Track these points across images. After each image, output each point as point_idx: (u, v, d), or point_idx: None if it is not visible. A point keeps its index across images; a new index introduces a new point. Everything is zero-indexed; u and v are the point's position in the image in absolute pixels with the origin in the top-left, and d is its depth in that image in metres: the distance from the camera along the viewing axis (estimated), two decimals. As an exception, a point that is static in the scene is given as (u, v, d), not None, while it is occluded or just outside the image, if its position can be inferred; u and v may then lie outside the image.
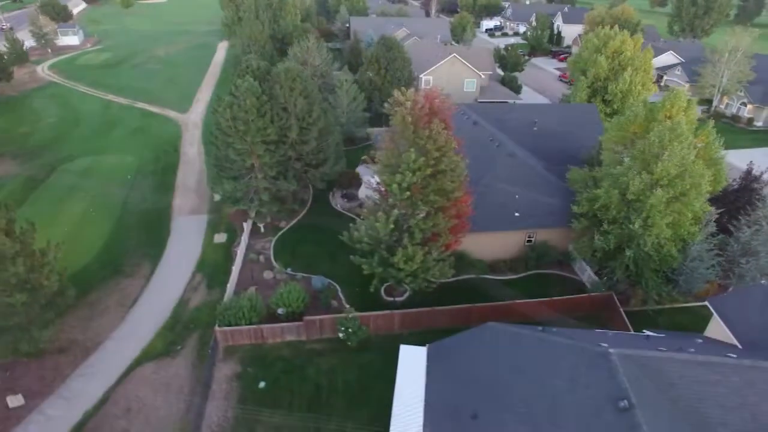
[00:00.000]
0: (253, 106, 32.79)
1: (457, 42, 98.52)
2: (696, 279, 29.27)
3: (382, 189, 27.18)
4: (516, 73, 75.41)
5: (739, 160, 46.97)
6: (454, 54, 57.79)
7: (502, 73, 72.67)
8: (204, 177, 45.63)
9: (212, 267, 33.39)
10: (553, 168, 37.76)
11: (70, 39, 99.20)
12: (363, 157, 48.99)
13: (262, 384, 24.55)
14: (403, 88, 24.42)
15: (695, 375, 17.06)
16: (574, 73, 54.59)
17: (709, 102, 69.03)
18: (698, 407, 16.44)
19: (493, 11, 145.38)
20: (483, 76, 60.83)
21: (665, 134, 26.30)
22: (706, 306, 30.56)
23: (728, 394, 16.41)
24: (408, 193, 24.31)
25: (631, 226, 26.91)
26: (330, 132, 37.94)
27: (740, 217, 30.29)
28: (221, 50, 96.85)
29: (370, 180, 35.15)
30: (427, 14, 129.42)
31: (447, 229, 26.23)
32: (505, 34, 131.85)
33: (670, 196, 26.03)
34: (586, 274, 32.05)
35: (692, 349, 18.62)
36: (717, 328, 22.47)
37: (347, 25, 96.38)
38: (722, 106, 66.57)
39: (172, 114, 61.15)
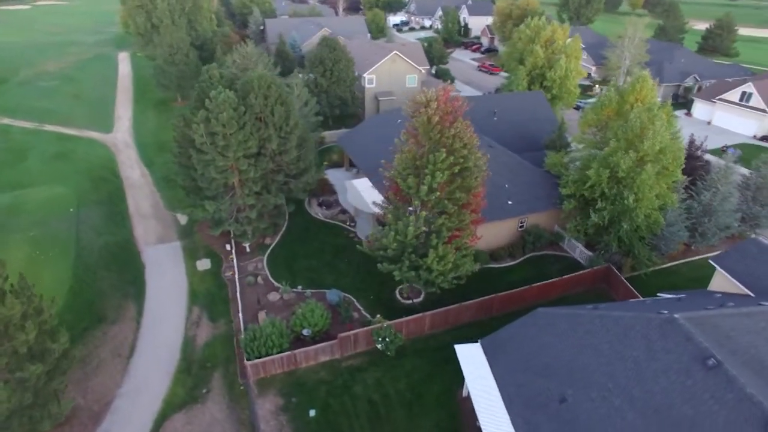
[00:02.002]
0: (232, 119, 30.40)
1: (375, 39, 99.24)
2: (672, 242, 32.76)
3: (393, 192, 26.76)
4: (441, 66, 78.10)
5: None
6: (395, 51, 58.18)
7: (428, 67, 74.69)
8: (160, 201, 41.44)
9: (207, 297, 30.58)
10: (519, 155, 39.78)
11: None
12: (324, 162, 47.81)
13: (312, 412, 23.11)
14: (424, 89, 24.14)
15: (745, 326, 19.12)
16: (510, 63, 57.75)
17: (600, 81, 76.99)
18: (755, 354, 18.49)
19: (396, 7, 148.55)
20: (423, 71, 62.06)
21: (644, 115, 29.00)
22: (684, 264, 34.68)
23: (777, 337, 18.64)
24: (438, 193, 24.23)
25: (625, 201, 29.33)
26: (307, 139, 36.38)
27: (697, 182, 34.41)
28: (124, 62, 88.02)
29: (356, 193, 34.52)
30: (336, 13, 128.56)
31: (469, 223, 26.57)
32: (412, 29, 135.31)
33: (656, 170, 28.79)
34: (577, 250, 34.35)
35: (731, 303, 20.89)
36: (721, 282, 25.40)
37: (261, 27, 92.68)
38: (626, 85, 74.51)
39: (94, 135, 54.45)
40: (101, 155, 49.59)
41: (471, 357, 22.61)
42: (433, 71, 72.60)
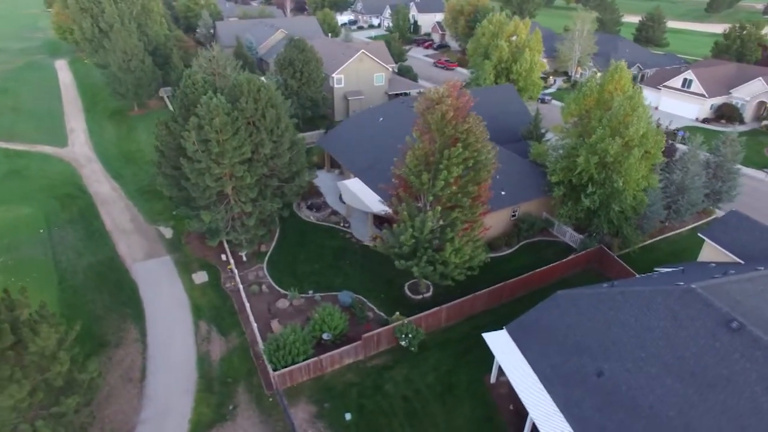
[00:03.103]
0: (226, 124, 29.41)
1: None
2: (652, 220, 35.15)
3: (403, 190, 27.00)
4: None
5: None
6: (363, 50, 58.16)
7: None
8: (138, 215, 39.25)
9: (212, 311, 29.44)
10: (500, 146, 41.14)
11: None
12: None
13: (348, 416, 22.93)
14: (435, 86, 24.45)
15: (749, 290, 20.95)
16: (475, 58, 59.32)
17: (565, 73, 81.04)
18: (761, 315, 20.36)
19: (343, 6, 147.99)
20: (390, 69, 62.47)
21: (626, 103, 30.90)
22: (662, 240, 37.17)
23: (779, 298, 20.59)
24: (453, 187, 24.70)
25: (614, 185, 31.15)
26: (297, 141, 35.73)
27: (670, 163, 37.07)
28: (63, 71, 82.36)
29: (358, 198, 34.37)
30: (285, 14, 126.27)
31: (479, 215, 27.26)
32: (360, 28, 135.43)
33: (641, 154, 30.79)
34: (567, 235, 36.05)
35: (732, 271, 22.79)
36: (710, 253, 27.64)
37: (212, 30, 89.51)
38: (578, 76, 78.74)
39: (48, 150, 50.58)
40: (61, 171, 46.18)
41: (500, 343, 23.30)
42: (396, 69, 73.05)
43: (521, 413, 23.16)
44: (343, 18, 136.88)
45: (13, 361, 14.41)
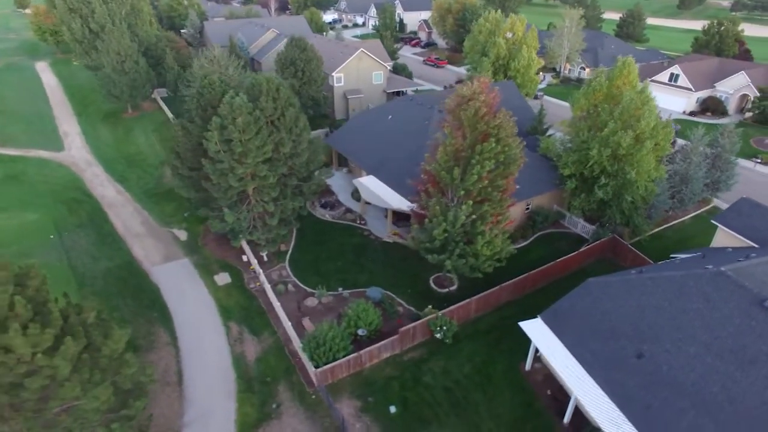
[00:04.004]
0: (249, 124, 29.35)
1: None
2: (659, 209, 36.51)
3: (432, 185, 27.49)
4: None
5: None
6: (362, 49, 58.35)
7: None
8: (149, 218, 38.71)
9: (241, 312, 29.38)
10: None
11: None
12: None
13: (392, 409, 23.30)
14: (468, 82, 25.01)
15: (766, 272, 22.22)
16: (473, 55, 60.14)
17: (554, 69, 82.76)
18: (786, 294, 21.56)
19: (326, 5, 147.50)
20: (388, 67, 62.84)
21: (637, 97, 32.04)
22: (668, 229, 38.56)
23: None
24: (485, 182, 25.29)
25: (627, 176, 32.26)
26: (313, 140, 35.81)
27: (676, 154, 38.50)
28: (46, 73, 80.00)
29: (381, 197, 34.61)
30: (269, 13, 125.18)
31: (506, 208, 27.95)
32: (345, 27, 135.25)
33: (651, 146, 31.97)
34: (579, 226, 37.10)
35: (754, 254, 24.01)
36: (724, 239, 28.96)
37: (200, 31, 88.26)
38: (566, 72, 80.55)
39: (44, 154, 49.28)
40: (62, 175, 45.09)
41: (537, 331, 23.98)
42: (391, 68, 73.42)
43: (559, 398, 24.04)
44: (326, 17, 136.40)
45: (90, 364, 14.32)
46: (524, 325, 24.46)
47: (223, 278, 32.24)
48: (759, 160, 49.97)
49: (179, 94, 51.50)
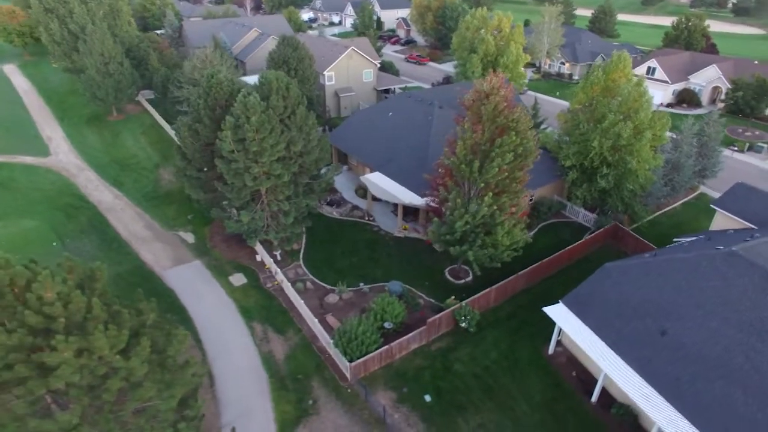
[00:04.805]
0: (264, 123, 29.30)
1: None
2: (654, 196, 38.26)
3: (450, 179, 28.14)
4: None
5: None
6: (352, 47, 58.50)
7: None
8: (152, 221, 38.02)
9: (262, 311, 29.34)
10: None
11: None
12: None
13: (428, 398, 23.84)
14: (486, 78, 25.68)
15: (778, 249, 23.81)
16: (461, 52, 61.10)
17: (533, 65, 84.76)
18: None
19: (301, 3, 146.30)
20: (378, 65, 63.20)
21: (634, 90, 33.52)
22: (662, 215, 40.35)
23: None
24: (506, 174, 26.08)
25: (628, 165, 33.72)
26: (321, 138, 35.87)
27: (668, 143, 40.32)
28: (17, 76, 76.75)
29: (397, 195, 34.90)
30: (246, 12, 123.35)
31: (522, 198, 28.84)
32: (321, 25, 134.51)
33: (651, 136, 33.53)
34: (581, 215, 38.47)
35: (758, 234, 25.60)
36: (722, 221, 30.68)
37: (178, 31, 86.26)
38: (546, 67, 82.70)
39: (30, 160, 47.50)
40: (53, 181, 43.66)
41: (561, 316, 24.95)
42: (379, 65, 73.75)
43: (583, 378, 25.08)
44: (303, 16, 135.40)
45: (157, 365, 14.27)
46: (548, 310, 25.38)
47: (238, 279, 32.06)
48: (736, 148, 52.74)
49: (170, 95, 50.45)
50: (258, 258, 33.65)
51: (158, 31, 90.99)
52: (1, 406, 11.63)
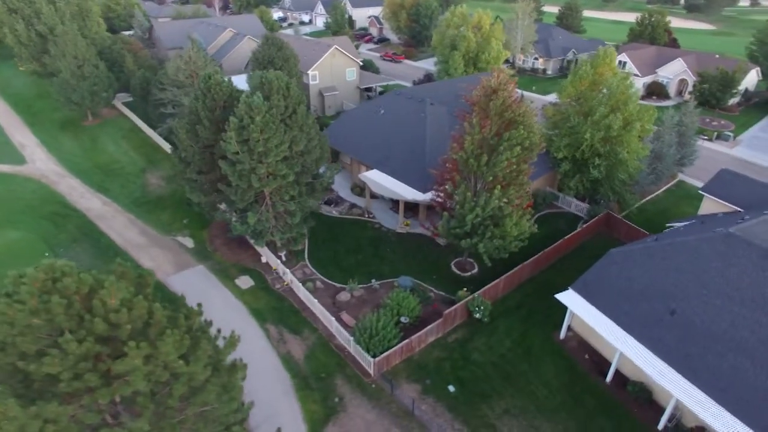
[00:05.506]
0: (268, 123, 29.09)
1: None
2: (640, 185, 40.09)
3: (454, 174, 28.74)
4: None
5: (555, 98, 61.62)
6: (335, 46, 58.37)
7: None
8: (147, 227, 37.04)
9: (274, 313, 29.19)
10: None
11: None
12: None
13: (451, 388, 24.37)
14: (493, 73, 26.32)
15: (766, 230, 25.46)
16: (442, 49, 61.90)
17: (507, 61, 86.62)
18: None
19: (270, 2, 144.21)
20: (360, 63, 63.27)
21: (621, 84, 35.01)
22: (647, 202, 42.21)
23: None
24: (514, 166, 26.86)
25: (619, 156, 35.21)
26: (321, 137, 35.78)
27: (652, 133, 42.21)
28: (-25, 79, 72.69)
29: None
30: (215, 12, 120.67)
31: (527, 189, 29.73)
32: (291, 25, 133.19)
33: (640, 128, 35.11)
34: (573, 205, 39.86)
35: (748, 216, 27.30)
36: (710, 206, 32.47)
37: (148, 32, 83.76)
38: (521, 63, 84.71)
39: (5, 169, 45.28)
40: (34, 189, 41.82)
41: (573, 301, 25.94)
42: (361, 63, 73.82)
43: (596, 360, 26.16)
44: (273, 16, 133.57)
45: (215, 370, 14.17)
46: (560, 296, 26.33)
47: (245, 282, 31.73)
48: (705, 137, 55.61)
49: (152, 98, 49.04)
50: (263, 260, 33.37)
51: (127, 33, 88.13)
52: (71, 417, 11.36)
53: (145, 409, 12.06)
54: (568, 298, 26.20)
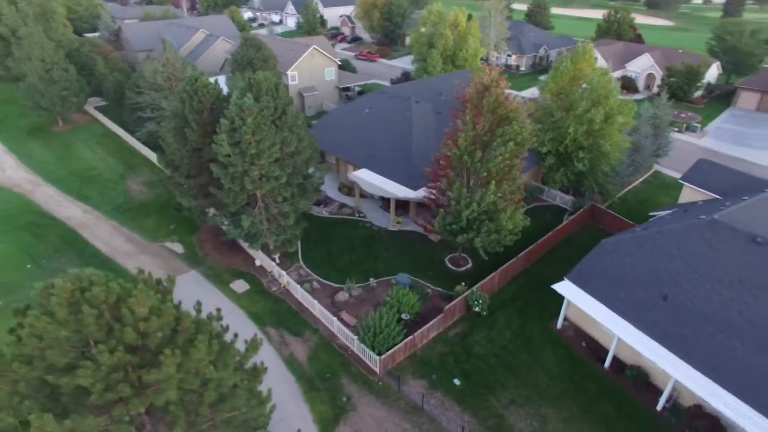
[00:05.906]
0: (259, 124, 28.77)
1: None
2: (623, 176, 41.51)
3: (448, 170, 29.15)
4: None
5: (531, 94, 63.64)
6: (314, 46, 57.98)
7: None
8: (134, 234, 36.03)
9: (273, 315, 28.93)
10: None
11: None
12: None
13: (457, 382, 24.74)
14: (486, 70, 26.74)
15: (750, 214, 26.82)
16: (419, 47, 62.31)
17: (482, 59, 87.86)
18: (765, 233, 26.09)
19: (238, 2, 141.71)
20: (339, 63, 63.04)
21: (600, 79, 36.17)
22: (627, 193, 43.68)
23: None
24: (508, 162, 27.42)
25: (602, 149, 36.36)
26: (310, 137, 35.56)
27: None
28: (-68, 85, 68.85)
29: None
30: (183, 13, 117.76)
31: (518, 184, 30.37)
32: (261, 25, 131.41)
33: (621, 121, 36.35)
34: (558, 198, 40.92)
35: (727, 203, 28.66)
36: (689, 194, 33.95)
37: (116, 34, 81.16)
38: (494, 59, 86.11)
39: (-27, 179, 43.20)
40: (7, 199, 40.01)
41: (569, 291, 26.70)
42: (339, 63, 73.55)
43: (593, 347, 27.00)
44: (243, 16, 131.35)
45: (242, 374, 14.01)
46: (557, 287, 27.06)
47: (240, 285, 31.31)
48: (675, 129, 57.93)
49: (128, 101, 47.60)
50: (257, 263, 32.99)
51: (92, 34, 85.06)
52: (102, 429, 11.08)
53: (178, 418, 11.85)
54: (564, 288, 26.95)
